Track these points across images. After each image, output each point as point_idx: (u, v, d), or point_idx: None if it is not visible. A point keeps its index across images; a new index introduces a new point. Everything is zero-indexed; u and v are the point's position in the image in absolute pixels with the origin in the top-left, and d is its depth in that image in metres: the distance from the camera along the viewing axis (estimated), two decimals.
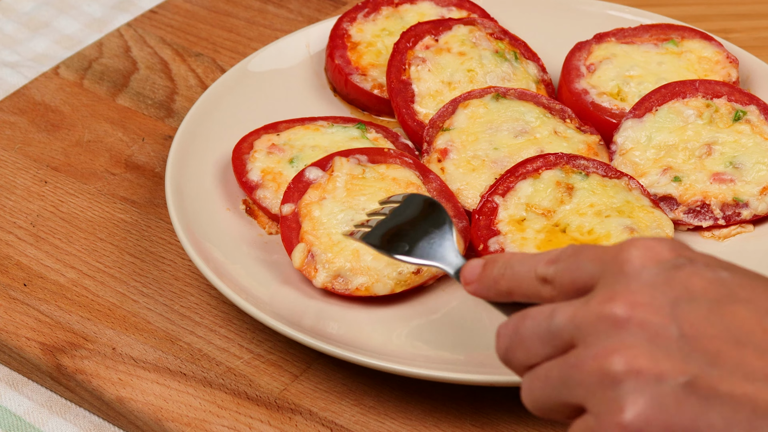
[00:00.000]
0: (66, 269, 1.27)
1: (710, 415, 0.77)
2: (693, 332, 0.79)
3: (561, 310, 0.84)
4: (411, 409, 1.14)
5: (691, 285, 0.81)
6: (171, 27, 1.58)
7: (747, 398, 0.77)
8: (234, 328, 1.21)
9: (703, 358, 0.78)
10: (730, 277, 0.82)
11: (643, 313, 0.80)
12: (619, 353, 0.79)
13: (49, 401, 1.19)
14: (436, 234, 1.09)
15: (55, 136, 1.42)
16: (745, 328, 0.79)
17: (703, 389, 0.78)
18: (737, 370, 0.78)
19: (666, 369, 0.78)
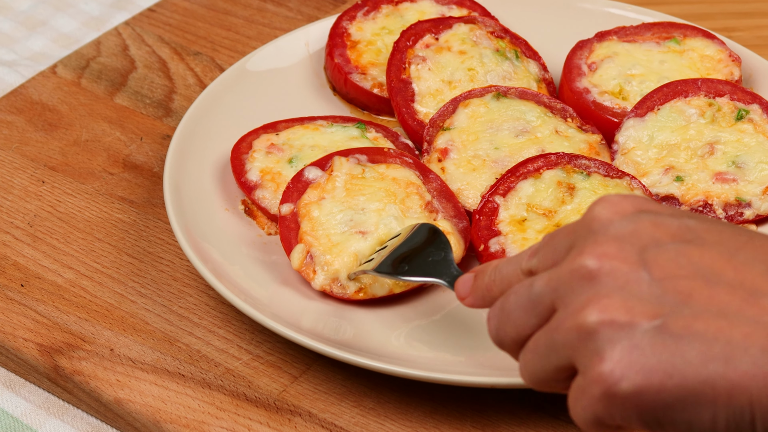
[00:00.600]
0: (63, 270, 1.27)
1: (686, 353, 0.78)
2: (663, 275, 0.80)
3: (539, 278, 0.86)
4: (411, 411, 1.14)
5: (657, 233, 0.83)
6: (169, 25, 1.58)
7: (721, 332, 0.78)
8: (233, 329, 1.21)
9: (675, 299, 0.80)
10: (697, 224, 0.83)
11: (611, 263, 0.81)
12: (591, 305, 0.80)
13: (46, 403, 1.19)
14: (435, 253, 1.14)
15: (53, 136, 1.42)
16: (715, 268, 0.80)
17: (677, 329, 0.79)
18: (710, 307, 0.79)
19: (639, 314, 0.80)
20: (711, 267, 0.81)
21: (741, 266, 0.80)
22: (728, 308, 0.79)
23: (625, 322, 0.80)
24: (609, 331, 0.80)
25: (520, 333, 0.87)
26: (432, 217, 1.24)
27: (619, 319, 0.80)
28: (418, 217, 1.23)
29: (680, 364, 0.78)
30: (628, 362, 0.79)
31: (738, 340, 0.78)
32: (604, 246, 0.82)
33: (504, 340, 0.89)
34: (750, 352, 0.78)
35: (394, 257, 1.16)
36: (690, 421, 0.80)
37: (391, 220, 1.22)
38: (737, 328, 0.78)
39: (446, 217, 1.24)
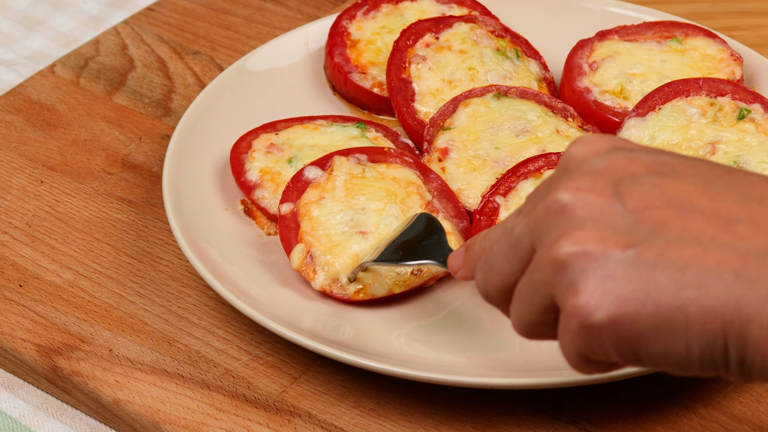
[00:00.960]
0: (62, 270, 1.27)
1: (659, 280, 0.78)
2: (637, 206, 0.80)
3: (518, 223, 0.86)
4: (411, 412, 1.14)
5: (632, 167, 0.82)
6: (168, 25, 1.58)
7: (694, 259, 0.78)
8: (232, 329, 1.21)
9: (649, 228, 0.79)
10: (672, 159, 0.83)
11: (585, 196, 0.81)
12: (565, 237, 0.80)
13: (45, 403, 1.19)
14: (429, 237, 1.14)
15: (51, 135, 1.42)
16: (689, 198, 0.80)
17: (651, 257, 0.79)
18: (683, 235, 0.79)
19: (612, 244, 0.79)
20: (685, 197, 0.80)
21: (716, 195, 0.80)
22: (702, 236, 0.78)
23: (598, 252, 0.79)
24: (582, 262, 0.79)
25: (505, 281, 0.87)
26: None
27: (592, 250, 0.79)
28: None
29: (653, 292, 0.78)
30: (602, 292, 0.79)
31: (711, 266, 0.78)
32: (578, 181, 0.82)
33: (491, 292, 0.88)
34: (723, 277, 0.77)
35: (391, 247, 1.16)
36: (665, 350, 0.79)
37: (391, 220, 1.22)
38: (711, 254, 0.78)
39: (447, 217, 1.24)
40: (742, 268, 0.77)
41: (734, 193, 0.80)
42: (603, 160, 0.83)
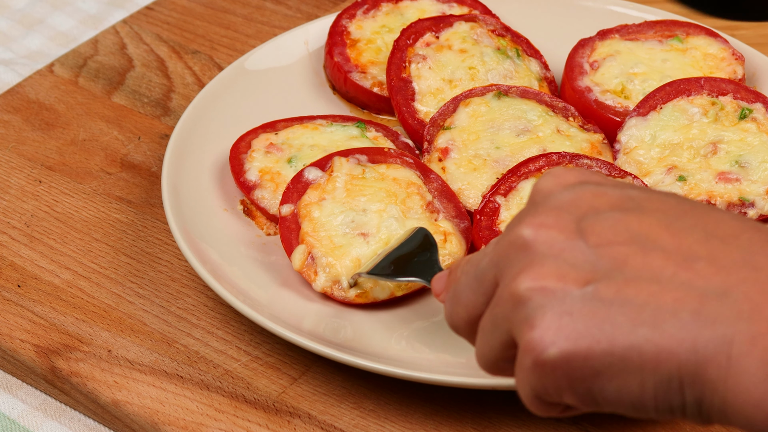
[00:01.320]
0: (61, 270, 1.27)
1: (615, 317, 0.77)
2: (599, 242, 0.80)
3: (485, 255, 0.85)
4: (411, 413, 1.14)
5: (597, 202, 0.82)
6: (167, 24, 1.58)
7: (652, 297, 0.77)
8: (231, 330, 1.21)
9: (609, 265, 0.79)
10: (638, 194, 0.83)
11: (548, 232, 0.81)
12: (525, 273, 0.80)
13: (43, 404, 1.19)
14: (422, 254, 1.15)
15: (50, 135, 1.42)
16: (652, 235, 0.80)
17: (608, 294, 0.78)
18: (643, 273, 0.78)
19: (571, 280, 0.79)
20: (648, 233, 0.79)
21: (678, 232, 0.79)
22: (661, 273, 0.78)
23: (556, 288, 0.79)
24: (540, 297, 0.79)
25: (470, 314, 0.86)
26: (433, 217, 1.24)
27: (551, 286, 0.79)
28: (419, 218, 1.23)
29: (608, 330, 0.77)
30: (557, 328, 0.78)
31: (668, 304, 0.77)
32: (542, 216, 0.82)
33: (457, 323, 0.88)
34: (680, 316, 0.76)
35: (386, 260, 1.17)
36: (619, 389, 0.78)
37: (392, 222, 1.22)
38: (669, 292, 0.77)
39: (447, 217, 1.24)
40: (700, 307, 0.76)
41: (698, 231, 0.80)
42: (569, 194, 0.83)
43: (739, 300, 0.76)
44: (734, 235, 0.79)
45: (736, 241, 0.78)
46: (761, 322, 0.75)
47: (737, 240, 0.79)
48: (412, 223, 1.22)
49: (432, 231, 1.22)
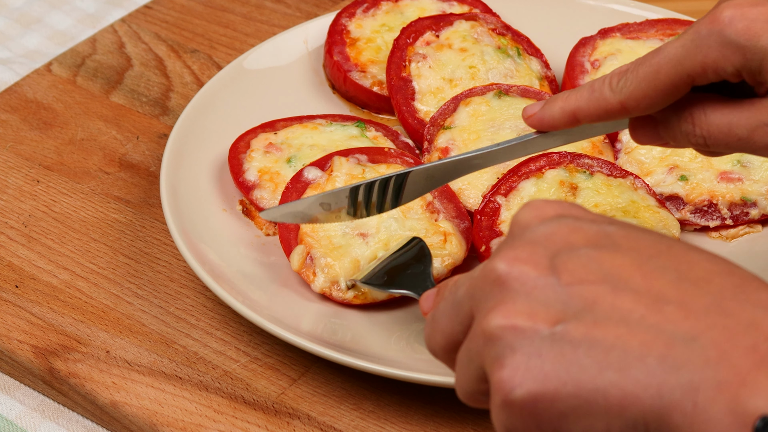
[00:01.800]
0: (59, 270, 1.27)
1: (583, 360, 0.77)
2: (571, 280, 0.80)
3: (463, 284, 0.86)
4: (411, 414, 1.14)
5: (572, 238, 0.82)
6: (166, 23, 1.58)
7: (619, 340, 0.77)
8: (230, 330, 1.21)
9: (579, 304, 0.79)
10: (616, 230, 0.83)
11: (521, 268, 0.81)
12: (496, 311, 0.80)
13: (41, 405, 1.19)
14: (416, 266, 1.15)
15: (48, 135, 1.42)
16: (624, 274, 0.79)
17: (578, 335, 0.78)
18: (612, 314, 0.78)
19: (541, 320, 0.79)
20: (620, 273, 0.79)
21: (651, 273, 0.79)
22: (630, 316, 0.78)
23: (526, 327, 0.79)
24: (510, 336, 0.79)
25: (447, 340, 0.87)
26: (433, 217, 1.24)
27: (521, 325, 0.79)
28: (419, 218, 1.23)
29: (575, 372, 0.77)
30: (525, 369, 0.78)
31: (635, 348, 0.77)
32: (516, 250, 0.82)
33: (435, 348, 0.89)
34: (646, 361, 0.76)
35: (380, 269, 1.17)
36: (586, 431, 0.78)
37: (391, 222, 1.22)
38: (636, 336, 0.77)
39: (448, 217, 1.24)
40: (667, 352, 0.76)
41: (670, 272, 0.79)
42: (545, 228, 0.83)
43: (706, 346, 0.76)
44: (706, 278, 0.79)
45: (708, 286, 0.78)
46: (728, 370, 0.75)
47: (709, 284, 0.79)
48: (411, 224, 1.22)
49: (432, 231, 1.22)
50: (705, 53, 0.96)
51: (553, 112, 1.05)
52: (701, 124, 0.99)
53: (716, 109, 0.99)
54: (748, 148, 0.98)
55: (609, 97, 1.01)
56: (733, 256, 1.25)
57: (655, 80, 0.98)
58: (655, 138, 1.04)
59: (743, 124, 0.97)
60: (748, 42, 0.94)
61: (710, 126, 0.99)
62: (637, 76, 0.99)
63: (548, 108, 1.05)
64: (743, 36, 0.94)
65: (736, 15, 0.95)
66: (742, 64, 0.95)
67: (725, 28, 0.95)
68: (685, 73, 0.97)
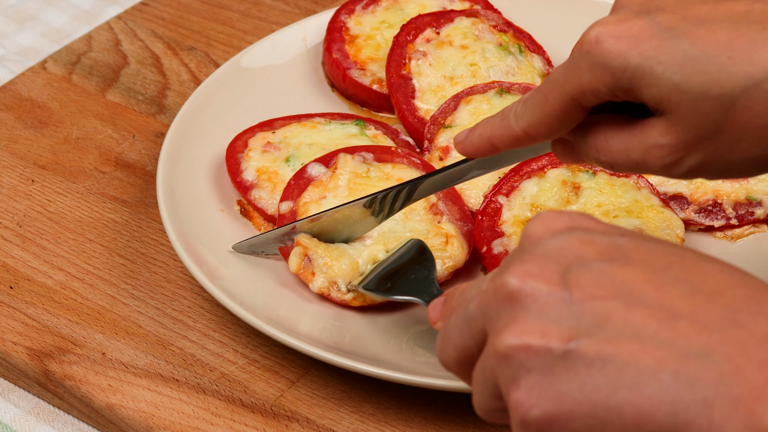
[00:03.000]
0: (54, 271, 1.27)
1: (596, 379, 0.78)
2: (583, 296, 0.80)
3: (474, 297, 0.86)
4: (412, 417, 1.14)
5: (583, 251, 0.82)
6: (163, 20, 1.58)
7: (632, 356, 0.77)
8: (228, 332, 1.21)
9: (592, 320, 0.79)
10: (627, 242, 0.83)
11: (532, 283, 0.81)
12: (509, 329, 0.81)
13: (36, 408, 1.19)
14: (419, 271, 1.15)
15: (43, 133, 1.42)
16: (636, 288, 0.80)
17: (590, 353, 0.78)
18: (625, 330, 0.78)
19: (554, 338, 0.79)
20: (632, 287, 0.80)
21: (663, 286, 0.79)
22: (643, 331, 0.78)
23: (539, 346, 0.79)
24: (524, 356, 0.80)
25: (460, 355, 0.87)
26: (436, 219, 1.24)
27: (534, 344, 0.79)
28: (421, 219, 1.23)
29: (589, 391, 0.78)
30: (540, 389, 0.79)
31: (649, 364, 0.77)
32: (527, 264, 0.82)
33: (448, 362, 0.89)
34: (660, 377, 0.76)
35: (381, 274, 1.17)
36: None
37: (392, 224, 1.22)
38: (649, 352, 0.77)
39: (451, 219, 1.24)
40: (681, 368, 0.76)
41: (683, 284, 0.80)
42: (556, 242, 0.83)
43: (720, 361, 0.76)
44: (719, 290, 0.79)
45: (721, 298, 0.79)
46: (743, 385, 0.75)
47: (722, 296, 0.79)
48: (413, 225, 1.22)
49: (433, 233, 1.22)
50: (579, 76, 0.95)
51: (473, 139, 1.05)
52: (603, 150, 0.99)
53: (615, 134, 0.98)
54: (647, 169, 0.98)
55: (513, 125, 1.02)
56: (738, 257, 1.25)
57: (545, 107, 0.98)
58: (576, 159, 1.04)
59: (637, 148, 0.97)
60: (614, 61, 0.93)
61: (611, 152, 0.99)
62: (532, 104, 1.00)
63: (470, 135, 1.05)
64: (609, 55, 0.93)
65: (601, 34, 0.94)
66: (613, 84, 0.94)
67: (592, 49, 0.94)
68: (569, 96, 0.97)
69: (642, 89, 0.94)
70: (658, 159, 0.96)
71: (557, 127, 0.99)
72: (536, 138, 1.01)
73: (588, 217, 0.86)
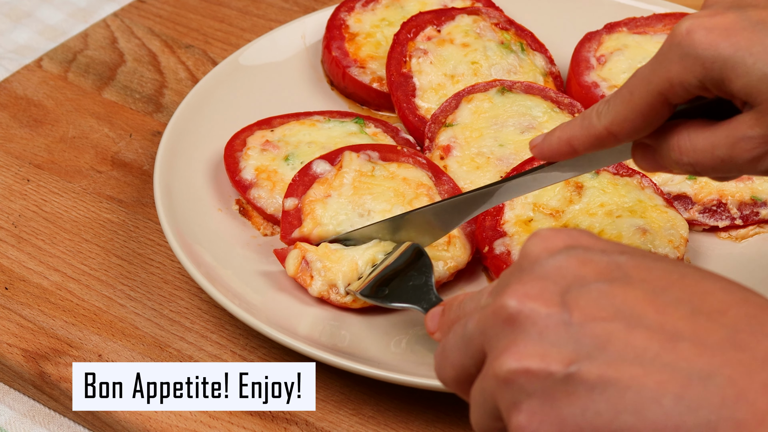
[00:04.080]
0: (49, 272, 1.27)
1: (598, 404, 0.78)
2: (583, 318, 0.80)
3: (473, 317, 0.86)
4: (412, 419, 1.14)
5: (583, 271, 0.82)
6: (160, 17, 1.58)
7: (634, 380, 0.77)
8: (226, 334, 1.21)
9: (592, 343, 0.79)
10: (627, 260, 0.83)
11: (532, 305, 0.81)
12: (508, 353, 0.81)
13: (31, 411, 1.19)
14: (417, 277, 1.15)
15: (38, 132, 1.42)
16: (637, 310, 0.80)
17: (591, 377, 0.78)
18: (626, 353, 0.78)
19: (554, 362, 0.79)
20: (632, 308, 0.80)
21: (664, 307, 0.79)
22: (645, 354, 0.78)
23: (539, 370, 0.79)
24: (524, 380, 0.80)
25: (459, 373, 0.87)
26: None
27: (534, 368, 0.79)
28: None
29: (591, 416, 0.78)
30: (541, 414, 0.79)
31: (651, 388, 0.77)
32: (527, 285, 0.82)
33: (446, 380, 0.89)
34: (662, 401, 0.76)
35: (378, 279, 1.17)
36: None
37: None
38: (651, 375, 0.77)
39: None
40: (683, 392, 0.76)
41: (684, 305, 0.80)
42: (555, 261, 0.83)
43: (723, 384, 0.76)
44: (721, 310, 0.79)
45: (722, 318, 0.79)
46: (746, 408, 0.75)
47: (723, 316, 0.79)
48: None
49: None
50: (668, 68, 0.96)
51: (551, 141, 1.05)
52: (686, 150, 0.99)
53: (698, 133, 0.99)
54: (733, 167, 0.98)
55: (596, 123, 1.02)
56: (743, 257, 1.25)
57: (630, 102, 0.99)
58: (656, 165, 1.04)
59: (723, 143, 0.97)
60: (705, 51, 0.95)
61: (695, 151, 0.99)
62: (616, 101, 1.00)
63: (548, 138, 1.06)
64: (700, 46, 0.95)
65: (693, 26, 0.95)
66: (704, 75, 0.95)
67: (683, 40, 0.95)
68: (656, 91, 0.98)
69: (732, 80, 0.94)
70: (746, 152, 0.97)
71: (641, 124, 0.99)
72: (619, 137, 1.01)
73: (587, 234, 0.86)
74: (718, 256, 1.26)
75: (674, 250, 1.21)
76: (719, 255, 1.26)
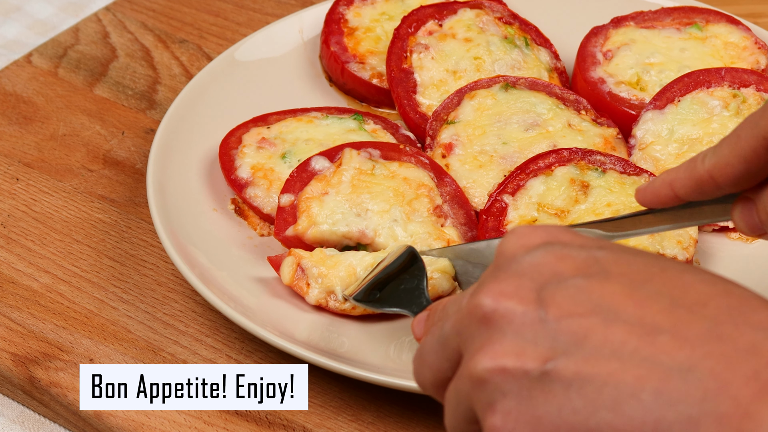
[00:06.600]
0: (39, 273, 1.27)
1: (575, 402, 0.78)
2: (559, 314, 0.80)
3: (449, 318, 0.86)
4: (413, 426, 1.14)
5: (560, 267, 0.82)
6: (153, 11, 1.58)
7: (612, 376, 0.77)
8: (221, 337, 1.21)
9: (569, 339, 0.79)
10: (605, 255, 0.83)
11: (507, 303, 0.81)
12: (483, 352, 0.81)
13: (21, 416, 1.20)
14: (409, 281, 1.15)
15: (28, 130, 1.42)
16: (615, 304, 0.79)
17: (568, 374, 0.78)
18: (604, 348, 0.78)
19: (530, 359, 0.79)
20: (610, 303, 0.79)
21: (643, 301, 0.79)
22: (623, 349, 0.77)
23: (515, 368, 0.79)
24: (499, 379, 0.80)
25: (436, 377, 0.88)
26: (439, 222, 1.24)
27: (509, 366, 0.79)
28: (423, 221, 1.23)
29: (567, 414, 0.78)
30: (517, 413, 0.79)
31: (629, 383, 0.76)
32: (502, 284, 0.82)
33: (424, 383, 0.89)
34: (641, 396, 0.76)
35: (371, 283, 1.17)
36: None
37: (392, 225, 1.22)
38: (629, 370, 0.77)
39: (455, 224, 1.24)
40: (662, 386, 0.76)
41: (663, 298, 0.79)
42: (531, 258, 0.83)
43: (704, 377, 0.76)
44: (701, 302, 0.79)
45: (703, 310, 0.78)
46: (728, 401, 0.75)
47: (704, 308, 0.78)
48: (413, 228, 1.22)
49: (435, 236, 1.22)
50: None
51: (655, 184, 1.04)
52: None
53: None
54: None
55: (699, 167, 1.01)
56: (753, 258, 1.25)
57: (736, 146, 0.98)
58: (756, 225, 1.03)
59: None
60: None
61: None
62: (723, 144, 0.99)
63: (653, 181, 1.05)
64: None
65: None
66: None
67: None
68: (761, 135, 0.96)
69: None
70: None
71: (744, 170, 0.98)
72: (720, 183, 0.99)
73: (565, 230, 0.86)
74: (728, 257, 1.26)
75: (683, 251, 1.21)
76: (729, 256, 1.26)
